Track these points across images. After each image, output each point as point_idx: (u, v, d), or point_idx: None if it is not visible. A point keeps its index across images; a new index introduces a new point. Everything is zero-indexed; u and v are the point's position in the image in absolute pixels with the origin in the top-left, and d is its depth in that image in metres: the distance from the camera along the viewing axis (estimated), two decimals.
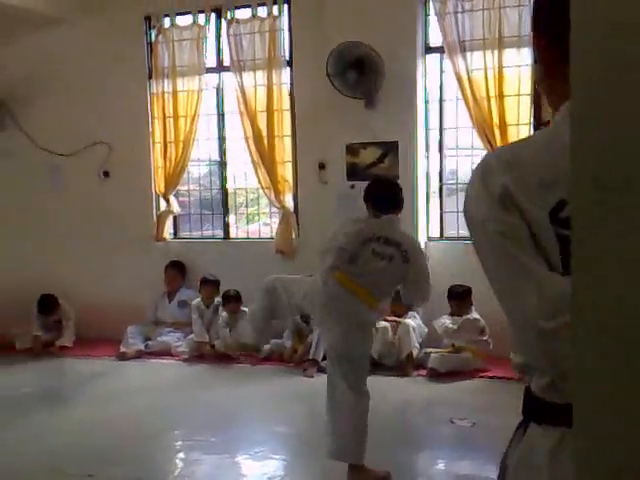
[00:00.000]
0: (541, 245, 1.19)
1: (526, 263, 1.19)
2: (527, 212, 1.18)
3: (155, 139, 7.40)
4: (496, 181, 1.21)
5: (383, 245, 3.87)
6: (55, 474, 4.18)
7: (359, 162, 6.53)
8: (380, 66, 6.20)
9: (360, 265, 3.84)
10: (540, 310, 1.17)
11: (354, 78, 6.21)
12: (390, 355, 6.15)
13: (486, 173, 1.24)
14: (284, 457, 4.51)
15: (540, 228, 1.19)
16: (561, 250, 1.18)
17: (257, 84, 6.92)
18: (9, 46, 7.66)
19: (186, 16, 7.24)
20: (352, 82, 6.23)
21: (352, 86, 6.28)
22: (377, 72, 6.23)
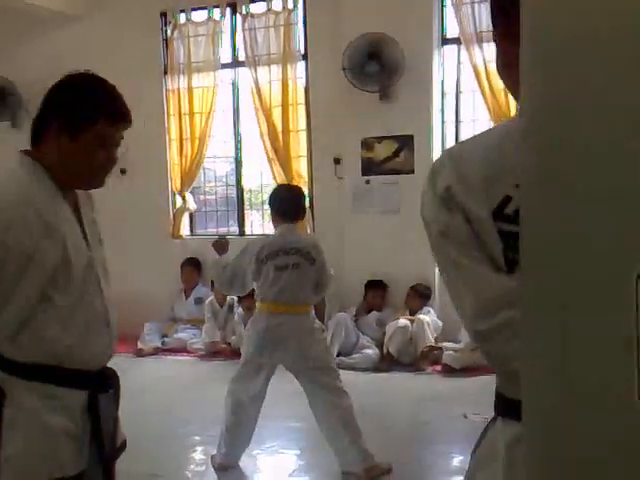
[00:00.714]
0: (484, 244, 1.16)
1: (465, 264, 1.17)
2: (469, 211, 1.16)
3: (171, 136, 7.40)
4: (441, 181, 1.20)
5: (284, 257, 3.82)
6: None
7: (374, 157, 6.47)
8: (400, 58, 6.14)
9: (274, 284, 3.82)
10: (475, 312, 1.15)
11: (375, 70, 6.15)
12: (407, 353, 6.10)
13: (434, 173, 1.23)
14: (296, 452, 4.48)
15: (482, 226, 1.16)
16: (504, 247, 1.15)
17: (272, 79, 6.89)
18: (26, 44, 7.71)
19: (201, 11, 7.23)
20: (373, 74, 6.16)
21: (372, 78, 6.21)
22: (397, 64, 6.17)
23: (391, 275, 6.49)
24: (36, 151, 1.85)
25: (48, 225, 1.73)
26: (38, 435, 1.74)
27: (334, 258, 6.69)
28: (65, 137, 1.80)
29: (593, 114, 0.73)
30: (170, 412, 5.15)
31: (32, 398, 1.74)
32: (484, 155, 1.19)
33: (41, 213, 1.73)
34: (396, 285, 6.47)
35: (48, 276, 1.71)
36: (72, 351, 1.77)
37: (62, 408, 1.76)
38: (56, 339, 1.76)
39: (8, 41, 7.72)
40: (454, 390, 5.43)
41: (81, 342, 1.79)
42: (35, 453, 1.74)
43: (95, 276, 1.89)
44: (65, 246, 1.75)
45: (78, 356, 1.79)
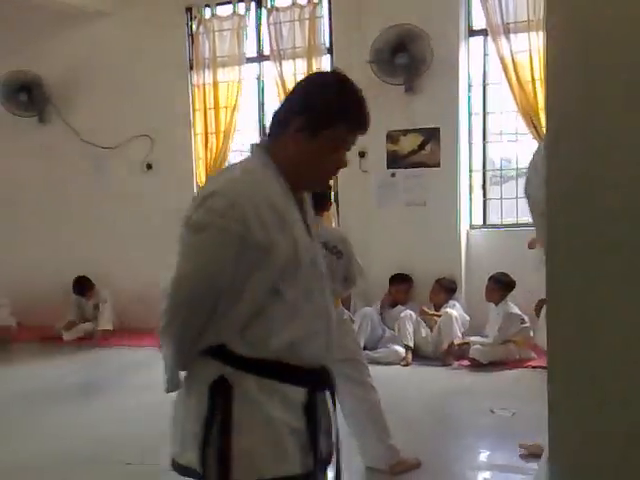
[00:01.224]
0: None
1: None
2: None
3: (196, 130, 7.42)
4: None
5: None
6: (94, 463, 4.20)
7: (399, 150, 6.43)
8: (427, 50, 6.10)
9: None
10: None
11: (405, 62, 6.11)
12: (428, 345, 6.08)
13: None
14: None
15: None
16: None
17: (297, 73, 6.87)
18: (54, 40, 7.78)
19: (226, 6, 7.23)
20: (402, 66, 6.12)
21: (399, 71, 6.17)
22: (424, 56, 6.13)
23: (416, 269, 6.45)
24: (270, 146, 1.82)
25: (281, 219, 1.72)
26: (267, 430, 1.73)
27: (359, 252, 6.60)
28: (304, 136, 1.77)
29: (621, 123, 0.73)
30: None
31: (259, 393, 1.73)
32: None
33: (275, 207, 1.71)
34: (421, 279, 6.43)
35: (280, 270, 1.70)
36: (296, 347, 1.76)
37: (285, 404, 1.75)
38: (282, 335, 1.74)
39: (36, 37, 7.79)
40: (481, 384, 5.40)
41: (305, 338, 1.77)
42: (265, 448, 1.73)
43: (319, 273, 1.87)
44: (296, 241, 1.74)
45: (301, 352, 1.77)
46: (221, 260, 1.69)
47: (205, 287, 1.73)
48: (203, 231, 1.70)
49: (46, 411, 5.13)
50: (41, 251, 7.96)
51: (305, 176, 1.84)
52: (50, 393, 5.61)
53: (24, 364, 6.57)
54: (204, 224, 1.70)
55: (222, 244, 1.69)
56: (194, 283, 1.74)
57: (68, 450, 4.36)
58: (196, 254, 1.74)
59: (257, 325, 1.73)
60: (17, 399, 5.47)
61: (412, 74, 6.18)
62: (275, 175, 1.77)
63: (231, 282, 1.71)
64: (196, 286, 1.74)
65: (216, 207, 1.68)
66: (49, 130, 7.93)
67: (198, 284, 1.73)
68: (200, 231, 1.71)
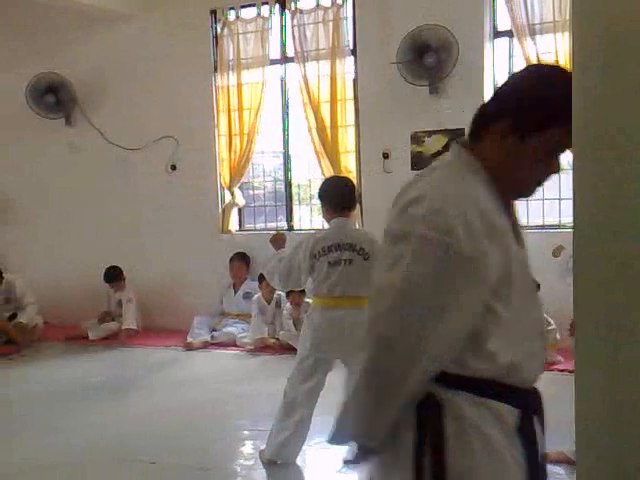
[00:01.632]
0: None
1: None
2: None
3: (220, 132, 7.45)
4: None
5: (336, 252, 3.83)
6: (119, 461, 4.25)
7: (424, 151, 6.41)
8: (452, 52, 6.09)
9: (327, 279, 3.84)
10: None
11: (433, 62, 6.09)
12: None
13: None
14: (345, 447, 4.45)
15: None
16: None
17: (320, 74, 6.89)
18: (81, 43, 7.86)
19: (250, 8, 7.26)
20: (429, 67, 6.10)
21: (424, 72, 6.15)
22: (449, 58, 6.11)
23: None
24: (474, 146, 1.63)
25: (493, 229, 1.51)
26: (486, 452, 1.56)
27: None
28: (514, 137, 1.57)
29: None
30: (219, 406, 5.19)
31: (474, 412, 1.55)
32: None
33: (485, 215, 1.51)
34: None
35: (492, 286, 1.51)
36: (514, 369, 1.59)
37: (500, 425, 1.58)
38: (500, 357, 1.55)
39: (63, 39, 7.88)
40: None
41: (523, 357, 1.61)
42: (486, 471, 1.56)
43: (532, 287, 1.71)
44: (507, 252, 1.54)
45: (519, 374, 1.61)
46: (422, 274, 1.48)
47: (410, 305, 1.49)
48: (403, 241, 1.50)
49: (71, 409, 5.19)
50: (67, 251, 8.05)
51: (513, 182, 1.63)
52: (75, 391, 5.67)
53: (50, 362, 6.65)
54: (404, 233, 1.51)
55: (424, 255, 1.48)
56: (398, 301, 1.49)
57: (93, 448, 4.41)
58: (394, 267, 1.50)
59: (469, 347, 1.53)
60: (43, 397, 5.54)
61: (437, 75, 6.16)
62: (483, 179, 1.58)
63: (437, 298, 1.49)
64: (400, 305, 1.49)
65: (418, 214, 1.49)
66: (75, 132, 8.01)
67: (402, 302, 1.49)
68: (400, 241, 1.51)
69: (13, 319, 7.34)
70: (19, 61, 7.98)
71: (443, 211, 1.47)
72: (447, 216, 1.46)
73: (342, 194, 3.96)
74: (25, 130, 8.06)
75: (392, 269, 1.50)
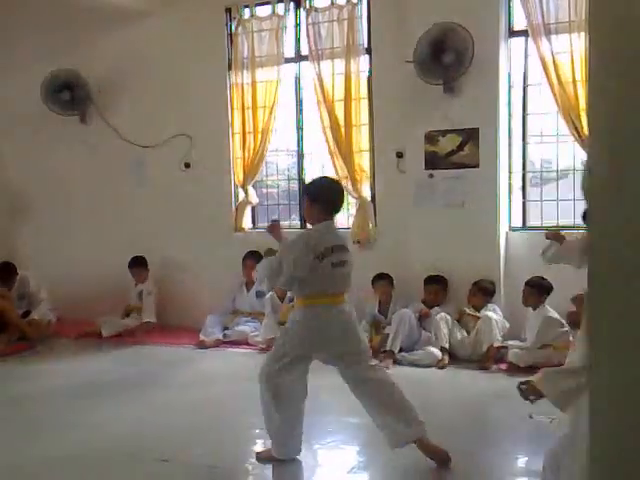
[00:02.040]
0: None
1: None
2: None
3: (234, 130, 7.46)
4: None
5: (337, 254, 3.89)
6: (132, 458, 4.25)
7: (438, 150, 6.38)
8: (467, 51, 6.06)
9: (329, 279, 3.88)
10: None
11: (451, 60, 6.06)
12: (464, 347, 6.04)
13: None
14: (356, 448, 4.46)
15: None
16: None
17: (335, 73, 6.87)
18: (96, 40, 7.88)
19: (265, 6, 7.26)
20: (448, 64, 6.08)
21: (439, 71, 6.12)
22: (464, 57, 6.09)
23: (454, 271, 6.40)
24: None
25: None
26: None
27: (396, 253, 6.67)
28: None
29: None
30: (231, 404, 5.19)
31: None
32: None
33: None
34: (459, 281, 6.37)
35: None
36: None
37: None
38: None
39: (78, 37, 7.91)
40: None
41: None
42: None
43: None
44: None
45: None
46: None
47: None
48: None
49: (84, 406, 5.21)
50: (81, 248, 8.09)
51: None
52: (88, 388, 5.69)
53: (63, 359, 6.67)
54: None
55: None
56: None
57: (106, 446, 4.41)
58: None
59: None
60: (56, 394, 5.56)
61: (452, 74, 6.13)
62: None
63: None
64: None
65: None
66: (90, 129, 8.05)
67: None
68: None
69: (27, 315, 7.38)
70: (37, 58, 8.01)
71: None
72: None
73: (339, 198, 4.01)
74: (41, 127, 8.10)
75: None
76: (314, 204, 3.93)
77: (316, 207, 3.92)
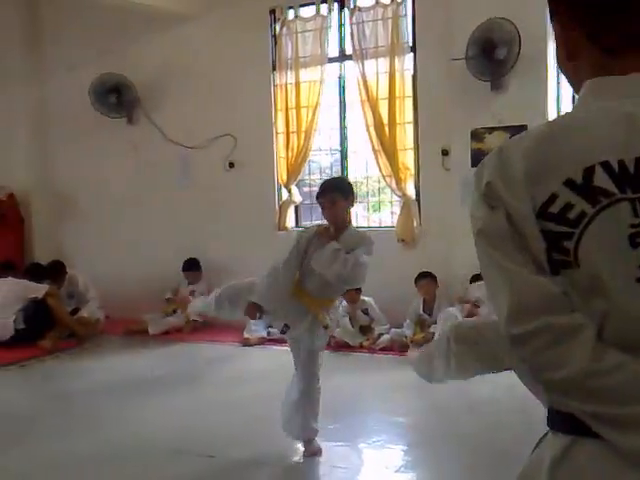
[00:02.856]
0: (527, 244, 1.09)
1: (501, 263, 1.10)
2: (510, 208, 1.09)
3: (278, 130, 7.49)
4: (484, 175, 1.13)
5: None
6: (178, 454, 4.29)
7: (485, 148, 6.31)
8: (519, 46, 6.00)
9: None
10: (510, 314, 1.08)
11: (501, 56, 6.00)
12: None
13: (481, 167, 1.16)
14: (402, 447, 4.42)
15: (525, 225, 1.09)
16: (548, 248, 1.08)
17: (379, 71, 6.86)
18: (141, 43, 7.99)
19: (309, 7, 7.27)
20: (499, 59, 6.02)
21: (487, 67, 6.06)
22: (515, 52, 6.02)
23: None
24: None
25: None
26: None
27: (441, 251, 6.61)
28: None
29: None
30: (275, 402, 5.18)
31: None
32: (529, 151, 1.11)
33: None
34: None
35: None
36: None
37: None
38: None
39: (124, 40, 8.03)
40: None
41: None
42: None
43: None
44: None
45: None
46: None
47: None
48: None
49: (132, 403, 5.27)
50: (127, 247, 8.21)
51: None
52: (135, 385, 5.76)
53: (110, 356, 6.78)
54: None
55: None
56: None
57: (153, 441, 4.46)
58: None
59: None
60: (105, 391, 5.64)
61: (500, 71, 6.06)
62: None
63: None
64: None
65: None
66: (137, 130, 8.16)
67: None
68: None
69: (75, 313, 7.51)
70: (84, 60, 8.15)
71: None
72: None
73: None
74: (89, 128, 8.24)
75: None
76: (350, 203, 3.98)
77: (349, 206, 4.01)
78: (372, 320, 6.75)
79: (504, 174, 1.11)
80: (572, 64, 1.22)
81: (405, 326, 6.50)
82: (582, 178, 1.07)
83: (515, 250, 1.09)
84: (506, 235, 1.10)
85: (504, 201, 1.10)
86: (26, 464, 3.96)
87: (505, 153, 1.14)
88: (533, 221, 1.08)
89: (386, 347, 6.48)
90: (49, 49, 8.51)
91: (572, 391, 1.06)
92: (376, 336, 6.59)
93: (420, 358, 3.11)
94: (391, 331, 6.56)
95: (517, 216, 1.09)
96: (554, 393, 1.10)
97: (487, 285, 1.16)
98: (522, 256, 1.09)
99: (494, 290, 1.13)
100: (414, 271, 6.50)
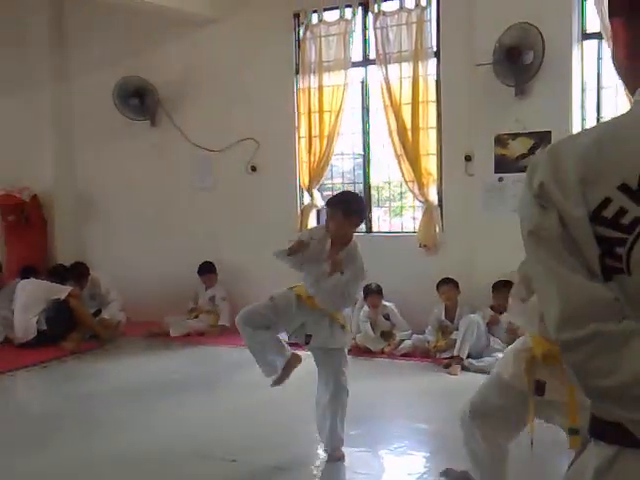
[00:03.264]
0: (580, 248, 1.07)
1: (555, 268, 1.08)
2: (564, 212, 1.07)
3: (300, 134, 7.49)
4: (537, 177, 1.11)
5: None
6: (200, 458, 4.29)
7: (508, 154, 6.28)
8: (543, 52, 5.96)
9: None
10: (561, 320, 1.06)
11: (527, 61, 5.97)
12: None
13: (532, 168, 1.14)
14: (424, 454, 4.40)
15: (578, 229, 1.06)
16: (602, 254, 1.06)
17: (402, 76, 6.84)
18: (165, 46, 8.04)
19: (333, 11, 7.27)
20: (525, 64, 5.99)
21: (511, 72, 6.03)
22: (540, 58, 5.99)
23: None
24: None
25: None
26: None
27: (464, 257, 6.58)
28: None
29: None
30: (297, 406, 5.19)
31: None
32: (583, 153, 1.09)
33: None
34: None
35: None
36: None
37: None
38: None
39: (147, 43, 8.08)
40: None
41: None
42: None
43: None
44: None
45: None
46: None
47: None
48: None
49: (153, 405, 5.28)
50: (149, 249, 8.25)
51: None
52: (157, 388, 5.77)
53: (132, 358, 6.80)
54: None
55: None
56: None
57: (173, 444, 4.46)
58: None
59: None
60: (126, 393, 5.66)
61: (524, 77, 6.03)
62: None
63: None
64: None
65: None
66: (160, 133, 8.20)
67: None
68: None
69: (97, 315, 7.56)
70: (108, 62, 8.22)
71: None
72: None
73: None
74: (113, 130, 8.29)
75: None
76: (357, 219, 4.13)
77: (361, 222, 4.27)
78: (393, 326, 6.73)
79: (557, 175, 1.09)
80: (631, 64, 1.20)
81: (427, 332, 6.47)
82: (638, 184, 1.05)
83: (567, 254, 1.08)
84: (558, 238, 1.08)
85: (557, 203, 1.08)
86: (46, 466, 3.96)
87: (557, 153, 1.12)
88: (587, 225, 1.06)
89: (408, 353, 6.46)
90: (74, 51, 8.58)
91: (621, 399, 1.04)
92: (397, 342, 6.57)
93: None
94: (413, 337, 6.54)
95: (570, 219, 1.07)
96: (601, 400, 1.08)
97: (536, 287, 1.15)
98: (574, 260, 1.07)
99: (544, 293, 1.11)
100: (436, 277, 6.47)
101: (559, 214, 1.08)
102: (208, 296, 7.73)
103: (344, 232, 4.02)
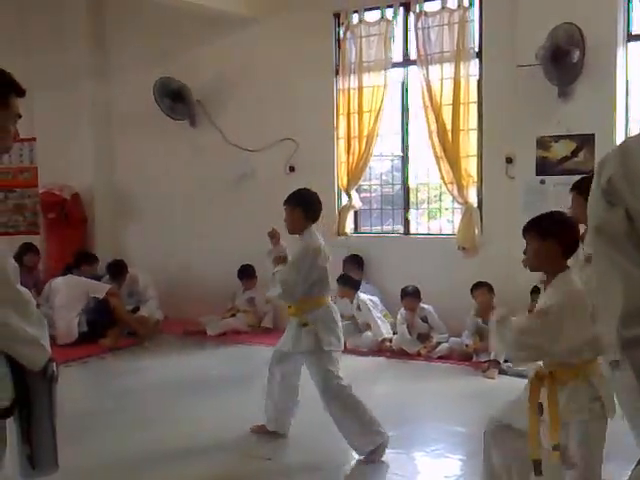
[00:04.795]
0: None
1: (618, 262, 1.08)
2: (632, 208, 1.08)
3: (339, 134, 7.48)
4: (605, 173, 1.12)
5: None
6: (236, 455, 4.31)
7: (550, 156, 6.19)
8: (587, 53, 5.88)
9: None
10: (624, 316, 1.06)
11: (572, 61, 5.89)
12: None
13: (601, 164, 1.15)
14: (461, 457, 4.35)
15: None
16: None
17: (444, 77, 6.79)
18: (204, 47, 8.10)
19: (374, 11, 7.25)
20: (569, 65, 5.91)
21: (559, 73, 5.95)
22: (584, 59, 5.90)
23: None
24: None
25: None
26: None
27: (503, 261, 6.49)
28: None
29: None
30: None
31: None
32: None
33: None
34: None
35: None
36: None
37: None
38: None
39: (185, 43, 8.14)
40: None
41: None
42: None
43: None
44: None
45: None
46: None
47: None
48: None
49: (188, 402, 5.32)
50: (187, 248, 8.30)
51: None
52: (193, 385, 5.82)
53: (168, 356, 6.86)
54: None
55: None
56: None
57: (209, 441, 4.48)
58: None
59: None
60: (163, 389, 5.72)
61: (568, 78, 5.94)
62: None
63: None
64: None
65: None
66: (199, 133, 8.26)
67: None
68: None
69: (135, 312, 7.63)
70: (147, 61, 8.31)
71: None
72: None
73: (320, 208, 4.52)
74: (152, 129, 8.38)
75: None
76: (301, 210, 4.50)
77: (303, 213, 4.52)
78: (431, 328, 6.68)
79: (627, 172, 1.09)
80: None
81: (464, 335, 6.40)
82: None
83: (634, 250, 1.07)
84: (625, 234, 1.08)
85: (625, 199, 1.08)
86: (83, 462, 3.97)
87: (627, 150, 1.12)
88: None
89: (444, 356, 6.40)
90: (114, 50, 8.70)
91: None
92: (434, 344, 6.51)
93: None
94: (450, 340, 6.48)
95: (637, 214, 1.07)
96: None
97: (598, 282, 1.15)
98: (638, 256, 1.07)
99: (606, 288, 1.11)
100: (474, 280, 6.40)
101: (626, 209, 1.08)
102: (246, 297, 7.76)
103: (294, 223, 4.47)
